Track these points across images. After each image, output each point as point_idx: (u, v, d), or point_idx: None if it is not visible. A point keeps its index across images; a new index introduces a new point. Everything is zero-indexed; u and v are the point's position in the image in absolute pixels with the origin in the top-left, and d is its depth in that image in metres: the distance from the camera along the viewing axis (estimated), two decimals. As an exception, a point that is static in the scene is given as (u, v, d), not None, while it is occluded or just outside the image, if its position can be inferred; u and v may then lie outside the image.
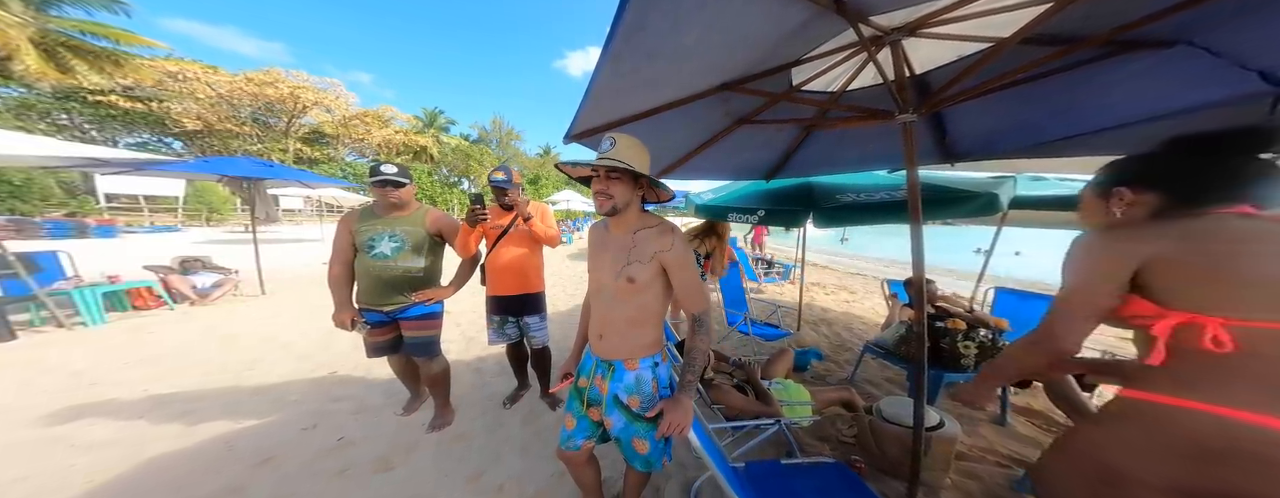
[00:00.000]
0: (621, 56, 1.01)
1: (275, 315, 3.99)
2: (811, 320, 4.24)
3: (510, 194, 1.90)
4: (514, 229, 1.96)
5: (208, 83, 18.83)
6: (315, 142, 23.78)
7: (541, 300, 2.10)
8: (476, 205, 1.67)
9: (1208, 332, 0.61)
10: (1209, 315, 0.61)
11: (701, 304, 1.07)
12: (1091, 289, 0.72)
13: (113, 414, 2.03)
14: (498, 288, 2.01)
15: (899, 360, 2.12)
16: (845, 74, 1.59)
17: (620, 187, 1.02)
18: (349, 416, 2.10)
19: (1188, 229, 0.66)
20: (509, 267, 1.98)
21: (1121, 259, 0.68)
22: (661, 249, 1.04)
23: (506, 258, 1.97)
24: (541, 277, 2.10)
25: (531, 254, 2.02)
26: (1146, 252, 0.66)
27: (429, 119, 30.83)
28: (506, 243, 1.97)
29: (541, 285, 2.10)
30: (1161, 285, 0.66)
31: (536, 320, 2.07)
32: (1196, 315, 0.62)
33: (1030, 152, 1.58)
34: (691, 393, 1.03)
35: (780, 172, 2.82)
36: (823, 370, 2.90)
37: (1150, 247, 0.66)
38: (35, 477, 1.54)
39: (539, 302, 2.08)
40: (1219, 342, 0.60)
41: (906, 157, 1.22)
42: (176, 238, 11.75)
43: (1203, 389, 0.61)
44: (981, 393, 0.98)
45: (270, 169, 4.76)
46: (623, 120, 1.56)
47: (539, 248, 2.06)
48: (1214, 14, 0.89)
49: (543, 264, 2.11)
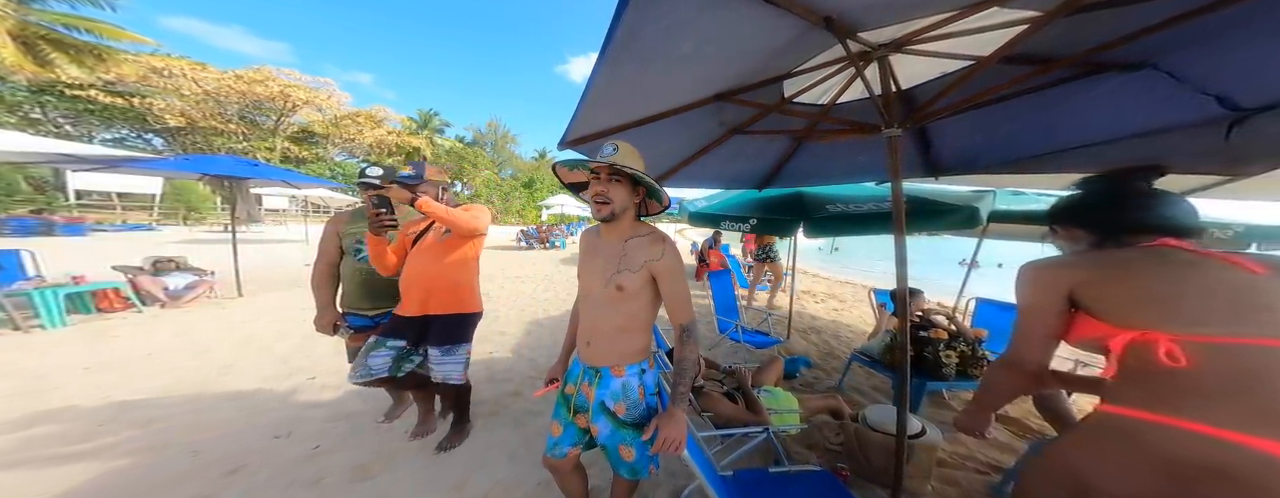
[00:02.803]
0: (618, 63, 1.03)
1: (253, 319, 3.86)
2: (801, 328, 4.27)
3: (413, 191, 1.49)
4: (432, 233, 1.63)
5: (195, 80, 18.42)
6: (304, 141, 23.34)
7: (463, 326, 1.65)
8: (381, 210, 1.39)
9: (1161, 347, 0.63)
10: (1158, 331, 0.65)
11: (689, 315, 1.07)
12: (1036, 310, 0.80)
13: (71, 421, 1.92)
14: (404, 305, 1.60)
15: (885, 369, 2.15)
16: (835, 87, 1.64)
17: (620, 191, 1.02)
18: (326, 422, 2.02)
19: (1108, 257, 0.76)
20: (418, 279, 1.57)
21: (1052, 284, 0.78)
22: (652, 258, 1.04)
23: (416, 268, 1.58)
24: (472, 294, 1.70)
25: (455, 265, 1.61)
26: (1072, 276, 0.76)
27: (423, 120, 30.63)
28: (421, 250, 1.61)
29: (469, 305, 1.68)
30: (1101, 307, 0.72)
31: (445, 353, 1.59)
32: (1146, 332, 0.65)
33: (1010, 166, 1.65)
34: (684, 405, 1.02)
35: (772, 181, 2.88)
36: (811, 378, 2.92)
37: (1074, 272, 0.76)
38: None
39: (457, 328, 1.63)
40: (1173, 356, 0.63)
41: (891, 169, 1.26)
42: (150, 237, 11.31)
43: (1169, 403, 0.63)
44: (979, 421, 1.00)
45: (254, 168, 4.65)
46: (618, 128, 1.58)
47: (469, 259, 1.68)
48: (1176, 40, 0.95)
49: (473, 279, 1.70)
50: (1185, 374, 0.62)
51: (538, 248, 12.84)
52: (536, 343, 3.51)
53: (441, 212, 1.47)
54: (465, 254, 1.66)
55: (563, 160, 1.08)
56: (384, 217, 1.41)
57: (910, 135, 1.72)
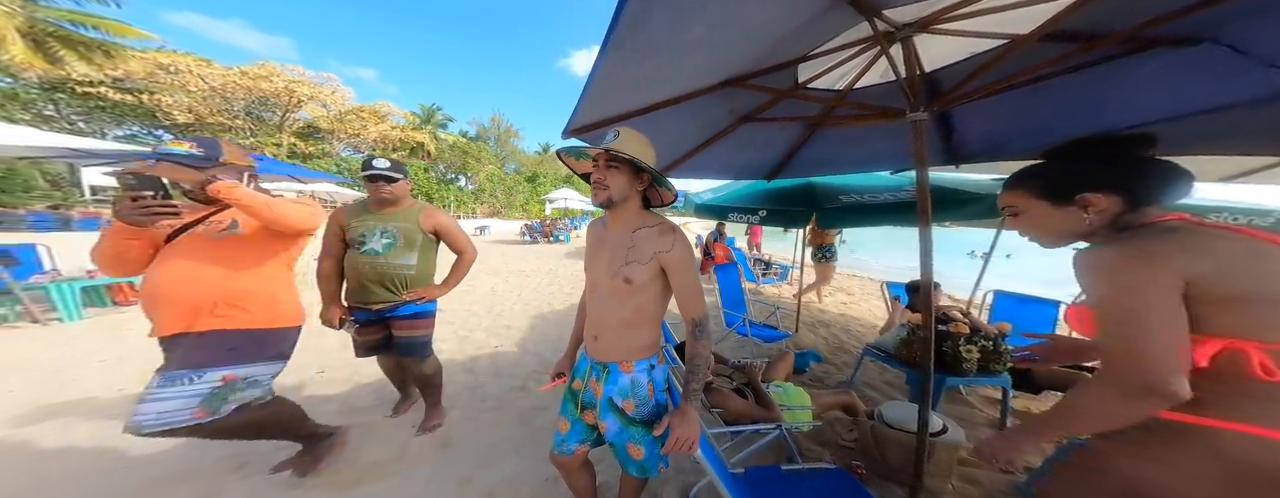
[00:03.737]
0: (623, 48, 0.97)
1: (263, 313, 3.89)
2: (809, 322, 4.22)
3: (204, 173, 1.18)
4: (201, 229, 1.24)
5: (200, 76, 18.53)
6: (309, 136, 23.49)
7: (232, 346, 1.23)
8: (146, 191, 1.06)
9: (1253, 359, 0.58)
10: (1253, 341, 0.58)
11: (701, 308, 1.03)
12: (1151, 308, 0.60)
13: (87, 415, 1.95)
14: (158, 324, 1.22)
15: (900, 364, 2.10)
16: (852, 71, 1.56)
17: (618, 178, 0.98)
18: (336, 416, 2.02)
19: (1216, 246, 0.61)
20: (178, 288, 1.19)
21: (1165, 272, 0.60)
22: (662, 249, 1.00)
23: (174, 274, 1.19)
24: (275, 306, 1.33)
25: (245, 271, 1.27)
26: (1187, 265, 0.60)
27: (426, 115, 30.62)
28: (179, 251, 1.21)
29: (271, 318, 1.31)
30: (1205, 307, 0.61)
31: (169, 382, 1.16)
32: (1237, 341, 0.59)
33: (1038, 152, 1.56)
34: (697, 403, 0.99)
35: (782, 172, 2.79)
36: (821, 373, 2.88)
37: (1189, 259, 0.60)
38: (3, 484, 1.46)
39: (218, 348, 1.21)
40: (1268, 369, 0.57)
41: (916, 156, 1.19)
42: (165, 233, 11.49)
43: (1254, 413, 0.58)
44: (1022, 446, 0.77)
45: (259, 162, 4.65)
46: (623, 116, 1.52)
47: (277, 263, 1.36)
48: (1240, 11, 0.87)
49: (278, 289, 1.35)
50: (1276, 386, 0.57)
51: (542, 242, 12.87)
52: (541, 337, 3.51)
53: (258, 203, 1.18)
54: (272, 257, 1.33)
55: (565, 148, 1.03)
56: (150, 203, 1.06)
57: (932, 121, 1.63)
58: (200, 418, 1.20)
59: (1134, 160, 0.72)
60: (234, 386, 1.25)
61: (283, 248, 1.38)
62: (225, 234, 1.26)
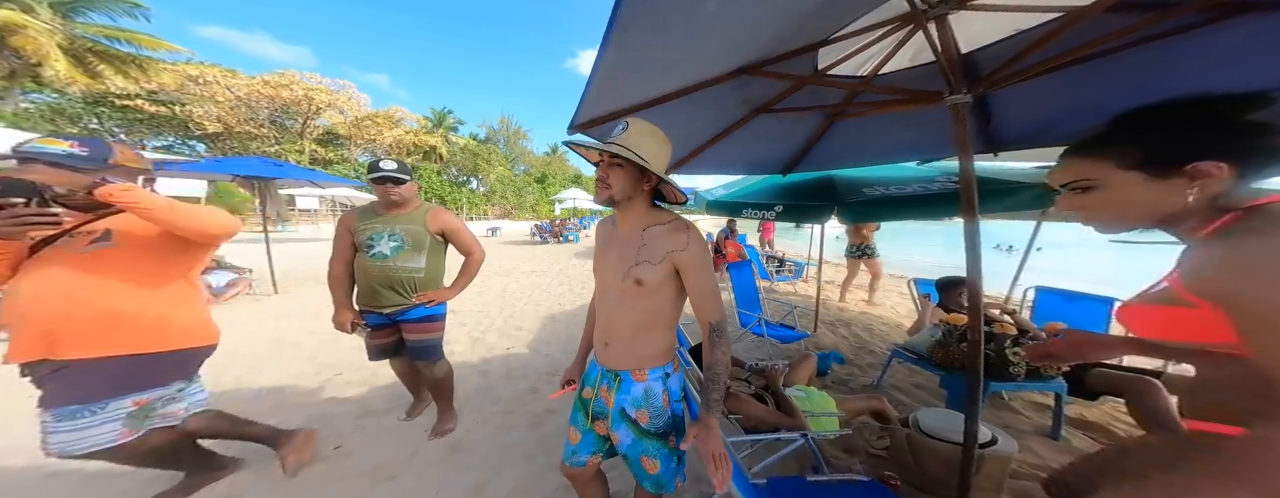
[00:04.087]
0: (629, 30, 0.89)
1: (285, 315, 4.01)
2: (828, 321, 4.07)
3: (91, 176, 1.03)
4: (76, 240, 1.08)
5: (227, 86, 19.33)
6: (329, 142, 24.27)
7: (117, 375, 1.11)
8: (16, 198, 0.92)
9: None
10: None
11: (719, 312, 0.95)
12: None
13: None
14: (14, 347, 1.05)
15: (934, 367, 1.96)
16: (877, 56, 1.44)
17: (621, 176, 0.91)
18: (351, 420, 2.04)
19: None
20: (42, 307, 1.04)
21: None
22: (675, 249, 0.92)
23: (39, 291, 1.04)
24: (166, 328, 1.18)
25: (129, 288, 1.11)
26: None
27: (438, 119, 31.19)
28: (40, 264, 1.06)
29: (141, 341, 1.14)
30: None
31: (67, 416, 1.06)
32: None
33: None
34: (718, 414, 0.92)
35: (798, 165, 2.67)
36: (845, 374, 2.75)
37: None
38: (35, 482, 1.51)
39: (133, 373, 1.12)
40: None
41: (958, 142, 1.08)
42: (198, 237, 12.06)
43: None
44: None
45: (280, 168, 4.79)
46: (630, 109, 1.45)
47: (171, 278, 1.20)
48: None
49: (173, 307, 1.19)
50: None
51: (552, 242, 12.96)
52: (552, 338, 3.49)
53: (160, 206, 1.04)
54: (163, 270, 1.17)
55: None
56: (22, 212, 0.92)
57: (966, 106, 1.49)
58: (125, 439, 1.14)
59: (1251, 126, 0.58)
60: (152, 407, 1.19)
61: (181, 260, 1.21)
62: (96, 247, 1.08)
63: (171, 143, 20.41)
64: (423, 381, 1.93)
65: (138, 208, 1.05)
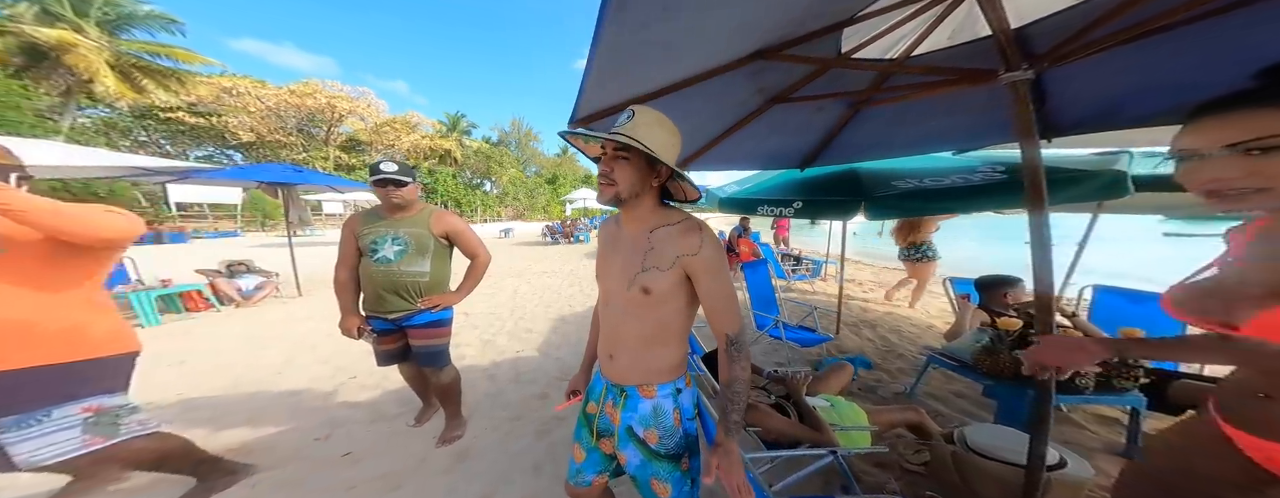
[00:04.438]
0: (628, 4, 0.78)
1: (307, 318, 4.12)
2: (851, 322, 3.87)
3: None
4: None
5: (257, 96, 20.34)
6: (352, 149, 25.21)
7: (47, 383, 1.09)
8: None
9: None
10: None
11: (736, 322, 0.84)
12: None
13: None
14: None
15: (980, 375, 1.78)
16: (909, 36, 1.28)
17: (627, 170, 0.81)
18: (363, 425, 2.04)
19: None
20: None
21: None
22: (686, 252, 0.82)
23: None
24: (71, 338, 1.12)
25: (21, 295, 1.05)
26: None
27: (452, 123, 31.87)
28: None
29: (48, 353, 1.09)
30: None
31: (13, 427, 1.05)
32: None
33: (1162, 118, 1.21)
34: (737, 437, 0.81)
35: (818, 159, 2.51)
36: (872, 381, 2.58)
37: None
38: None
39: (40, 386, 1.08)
40: None
41: (1020, 125, 0.93)
42: (237, 242, 12.79)
43: None
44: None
45: (299, 174, 4.94)
46: (633, 100, 1.35)
47: (64, 285, 1.12)
48: None
49: (77, 313, 1.13)
50: None
51: (563, 243, 13.03)
52: (563, 340, 3.45)
53: (39, 209, 0.96)
54: (63, 277, 1.10)
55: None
56: None
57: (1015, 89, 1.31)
58: (94, 445, 1.12)
59: None
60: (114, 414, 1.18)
61: (79, 265, 1.13)
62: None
63: (211, 153, 21.66)
64: (430, 387, 1.90)
65: (10, 211, 0.94)
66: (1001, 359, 1.69)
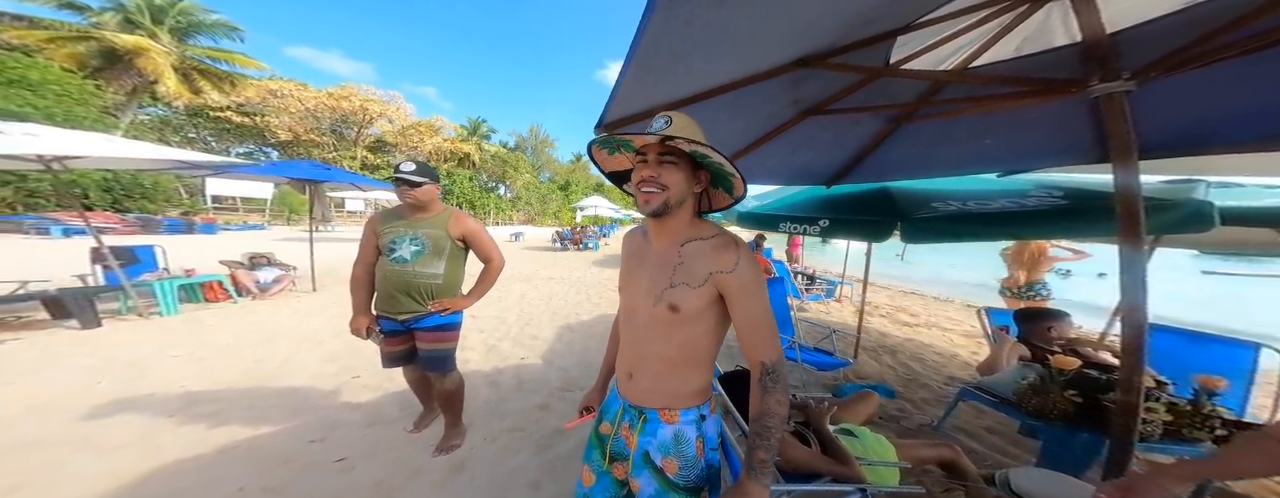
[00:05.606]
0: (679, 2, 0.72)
1: (318, 313, 4.14)
2: (870, 347, 3.67)
3: None
4: None
5: (299, 98, 21.51)
6: (378, 149, 26.24)
7: None
8: None
9: None
10: None
11: (775, 349, 0.75)
12: None
13: (146, 410, 2.05)
14: None
15: (1025, 415, 1.61)
16: (970, 45, 1.21)
17: (677, 175, 0.75)
18: (360, 428, 1.96)
19: None
20: None
21: None
22: (721, 269, 0.75)
23: None
24: None
25: None
26: None
27: (473, 128, 32.92)
28: None
29: None
30: None
31: None
32: None
33: (1256, 144, 1.09)
34: (768, 478, 0.71)
35: (846, 176, 2.42)
36: (895, 411, 2.39)
37: None
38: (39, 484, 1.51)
39: None
40: None
41: (1117, 143, 0.83)
42: (262, 235, 13.24)
43: None
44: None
45: (327, 172, 5.08)
46: (664, 107, 1.30)
47: None
48: None
49: None
50: None
51: (571, 249, 13.01)
52: (567, 349, 3.34)
53: None
54: None
55: (601, 139, 0.81)
56: None
57: (1084, 106, 1.20)
58: None
59: None
60: None
61: None
62: None
63: (251, 149, 22.89)
64: (433, 392, 1.83)
65: None
66: (1053, 400, 1.53)
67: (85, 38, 14.96)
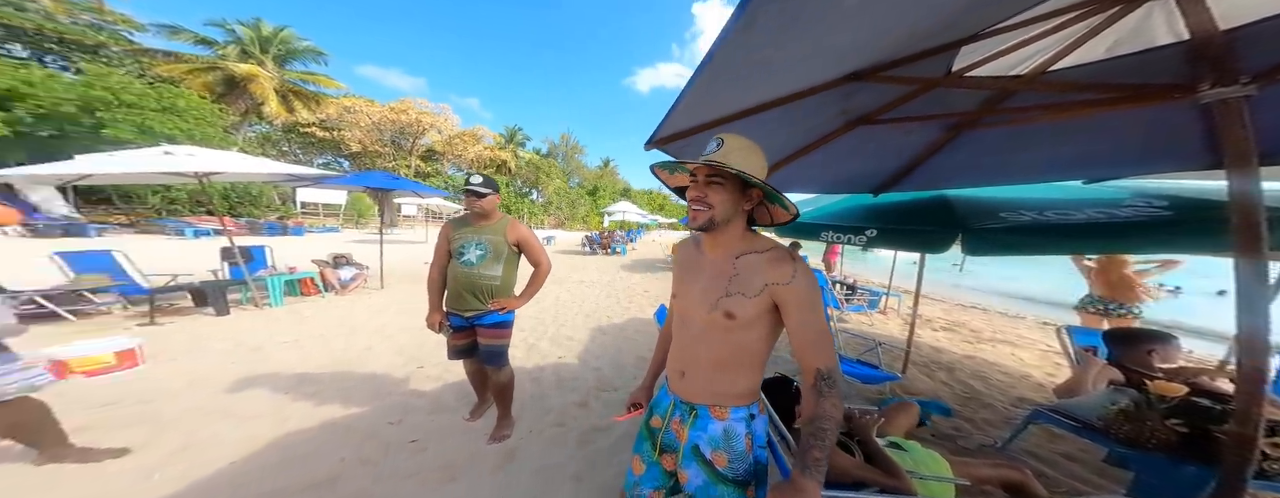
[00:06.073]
0: (757, 23, 0.73)
1: (387, 309, 4.62)
2: (921, 362, 3.41)
3: None
4: None
5: (367, 113, 24.03)
6: (429, 158, 28.51)
7: None
8: None
9: None
10: None
11: (830, 357, 0.79)
12: None
13: (269, 387, 2.43)
14: None
15: (1110, 441, 1.45)
16: (1048, 50, 1.13)
17: (723, 196, 0.81)
18: (427, 414, 2.20)
19: None
20: None
21: None
22: (777, 281, 0.80)
23: None
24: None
25: None
26: None
27: (509, 135, 34.63)
28: None
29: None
30: None
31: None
32: None
33: None
34: (821, 477, 0.73)
35: (897, 185, 2.31)
36: (949, 429, 2.23)
37: None
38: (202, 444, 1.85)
39: None
40: None
41: (1232, 151, 0.75)
42: (336, 237, 14.94)
43: None
44: None
45: (396, 181, 5.69)
46: (716, 122, 1.35)
47: None
48: None
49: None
50: None
51: (600, 253, 13.24)
52: (602, 351, 3.46)
53: None
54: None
55: (661, 162, 0.91)
56: None
57: (1195, 110, 1.06)
58: None
59: None
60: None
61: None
62: None
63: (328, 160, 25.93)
64: (489, 383, 2.01)
65: None
66: (1150, 427, 1.36)
67: (213, 68, 17.97)
